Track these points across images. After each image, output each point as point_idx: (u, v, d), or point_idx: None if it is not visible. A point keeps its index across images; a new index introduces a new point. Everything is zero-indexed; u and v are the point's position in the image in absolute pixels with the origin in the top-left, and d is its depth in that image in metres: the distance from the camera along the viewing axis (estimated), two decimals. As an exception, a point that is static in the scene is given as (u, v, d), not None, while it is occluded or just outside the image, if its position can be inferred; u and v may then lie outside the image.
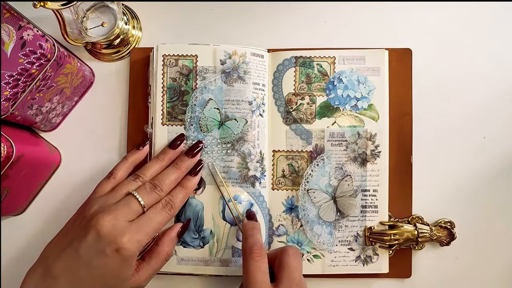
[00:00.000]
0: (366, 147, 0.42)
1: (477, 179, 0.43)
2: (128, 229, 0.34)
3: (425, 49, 0.44)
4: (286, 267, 0.35)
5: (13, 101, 0.36)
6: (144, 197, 0.36)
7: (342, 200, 0.41)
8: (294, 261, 0.35)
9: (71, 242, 0.34)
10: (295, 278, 0.34)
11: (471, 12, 0.44)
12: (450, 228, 0.42)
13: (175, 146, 0.40)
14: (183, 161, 0.39)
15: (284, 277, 0.34)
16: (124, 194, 0.37)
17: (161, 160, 0.40)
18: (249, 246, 0.35)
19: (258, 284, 0.33)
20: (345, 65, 0.42)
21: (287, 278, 0.34)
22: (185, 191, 0.38)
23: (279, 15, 0.45)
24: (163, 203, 0.37)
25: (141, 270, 0.36)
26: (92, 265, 0.33)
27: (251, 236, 0.37)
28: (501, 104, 0.44)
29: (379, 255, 0.41)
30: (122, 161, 0.40)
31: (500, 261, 0.43)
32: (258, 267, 0.34)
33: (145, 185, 0.37)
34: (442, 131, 0.43)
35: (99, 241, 0.33)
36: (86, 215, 0.35)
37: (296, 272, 0.35)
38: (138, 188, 0.37)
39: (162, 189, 0.37)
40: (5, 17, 0.35)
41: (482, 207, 0.43)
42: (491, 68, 0.44)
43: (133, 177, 0.38)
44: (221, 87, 0.41)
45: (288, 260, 0.35)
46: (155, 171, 0.39)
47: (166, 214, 0.37)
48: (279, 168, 0.42)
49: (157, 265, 0.37)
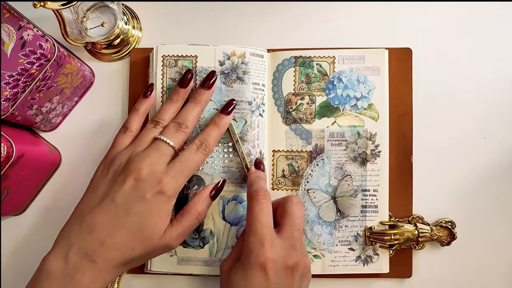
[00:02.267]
0: (366, 146, 0.42)
1: (478, 178, 0.43)
2: (166, 171, 0.34)
3: (425, 48, 0.44)
4: (289, 213, 0.34)
5: (13, 101, 0.36)
6: (171, 138, 0.36)
7: (342, 200, 0.41)
8: (298, 209, 0.35)
9: (105, 195, 0.34)
10: (297, 224, 0.34)
11: (472, 11, 0.44)
12: (451, 228, 0.42)
13: (185, 84, 0.39)
14: (200, 94, 0.39)
15: (286, 223, 0.34)
16: (150, 140, 0.37)
17: (175, 101, 0.39)
18: (254, 189, 0.35)
19: (261, 225, 0.33)
20: (345, 64, 0.42)
21: (290, 224, 0.34)
22: (218, 130, 0.38)
23: (279, 15, 0.45)
24: (197, 143, 0.37)
25: (172, 226, 0.35)
26: (131, 212, 0.33)
27: (256, 182, 0.36)
28: (501, 104, 0.43)
29: (380, 255, 0.41)
30: (133, 112, 0.39)
31: (501, 261, 0.43)
32: (262, 209, 0.34)
33: (169, 127, 0.37)
34: (443, 130, 0.43)
35: (137, 187, 0.34)
36: (115, 168, 0.35)
37: (299, 219, 0.35)
38: (162, 131, 0.37)
39: (188, 126, 0.37)
40: (5, 17, 0.35)
41: (483, 207, 0.43)
42: (492, 68, 0.44)
43: (153, 124, 0.38)
44: (220, 87, 0.41)
45: (292, 207, 0.35)
46: (172, 114, 0.38)
47: (201, 154, 0.36)
48: (279, 168, 0.42)
49: (187, 223, 0.36)
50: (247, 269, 0.32)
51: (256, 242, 0.33)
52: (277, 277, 0.32)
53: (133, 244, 0.33)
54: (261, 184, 0.36)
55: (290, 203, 0.35)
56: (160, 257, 0.41)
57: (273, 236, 0.33)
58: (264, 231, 0.33)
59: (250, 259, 0.32)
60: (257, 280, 0.32)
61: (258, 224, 0.33)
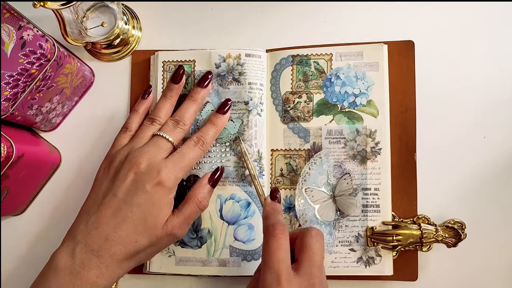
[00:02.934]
0: (366, 144, 0.41)
1: (486, 177, 0.41)
2: (165, 164, 0.36)
3: (426, 43, 0.43)
4: (308, 249, 0.33)
5: (13, 101, 0.36)
6: (170, 134, 0.37)
7: (342, 199, 0.41)
8: (317, 243, 0.33)
9: (108, 191, 0.35)
10: (316, 260, 0.33)
11: (475, 5, 0.43)
12: (458, 229, 0.40)
13: (177, 80, 0.40)
14: (196, 92, 0.40)
15: (305, 259, 0.33)
16: (149, 137, 0.38)
17: (169, 97, 0.40)
18: (271, 223, 0.34)
19: (277, 262, 0.32)
20: (342, 61, 0.42)
21: (309, 260, 0.33)
22: (215, 128, 0.39)
23: (278, 15, 0.45)
24: (195, 140, 0.38)
25: (174, 215, 0.36)
26: (133, 203, 0.34)
27: (272, 215, 0.35)
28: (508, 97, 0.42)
29: (382, 257, 0.40)
30: (133, 113, 0.41)
31: (510, 263, 0.41)
32: (280, 245, 0.32)
33: (167, 123, 0.38)
34: (448, 126, 0.42)
35: (138, 179, 0.35)
36: (116, 165, 0.36)
37: (318, 254, 0.33)
38: (161, 128, 0.38)
39: (185, 123, 0.39)
40: (5, 17, 0.36)
41: (491, 206, 0.41)
42: (496, 63, 0.42)
43: (149, 121, 0.39)
44: (217, 90, 0.41)
45: (310, 241, 0.33)
46: (168, 110, 0.40)
47: (198, 149, 0.38)
48: (277, 167, 0.42)
49: (188, 210, 0.37)
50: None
51: (272, 279, 0.31)
52: None
53: (137, 237, 0.34)
54: (278, 218, 0.35)
55: (309, 236, 0.34)
56: (158, 258, 0.41)
57: (290, 274, 0.32)
58: (281, 268, 0.31)
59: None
60: None
61: (276, 260, 0.32)
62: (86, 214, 0.35)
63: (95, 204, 0.35)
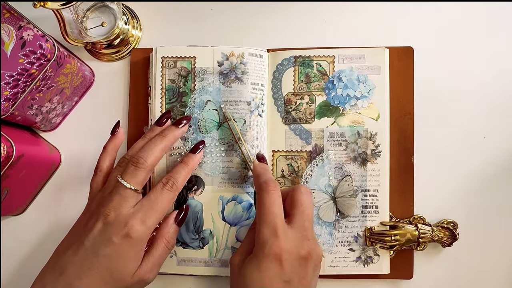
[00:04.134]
0: (366, 146, 0.41)
1: (480, 179, 0.43)
2: (132, 214, 0.34)
3: (426, 48, 0.43)
4: (299, 203, 0.34)
5: (13, 101, 0.36)
6: (129, 179, 0.34)
7: (342, 200, 0.41)
8: (307, 199, 0.35)
9: (77, 238, 0.34)
10: (308, 214, 0.34)
11: (473, 10, 0.44)
12: (452, 229, 0.41)
13: (162, 123, 0.39)
14: (169, 130, 0.38)
15: (297, 213, 0.34)
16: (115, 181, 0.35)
17: (148, 138, 0.38)
18: (263, 180, 0.35)
19: (273, 216, 0.33)
20: (345, 64, 0.42)
21: (301, 214, 0.34)
22: (187, 168, 0.37)
23: (279, 15, 0.45)
24: (163, 181, 0.36)
25: (143, 260, 0.35)
26: (99, 254, 0.33)
27: (263, 173, 0.36)
28: (503, 103, 0.43)
29: (380, 256, 0.41)
30: (103, 151, 0.38)
31: (504, 262, 0.42)
32: (273, 200, 0.34)
33: (128, 165, 0.35)
34: (445, 130, 0.43)
35: (105, 230, 0.33)
36: (90, 212, 0.35)
37: (309, 209, 0.35)
38: (123, 172, 0.35)
39: (146, 160, 0.35)
40: (5, 17, 0.35)
41: (484, 207, 0.43)
42: (493, 67, 0.43)
43: (120, 162, 0.37)
44: (219, 88, 0.41)
45: (301, 197, 0.35)
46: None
47: (167, 192, 0.35)
48: (279, 168, 0.42)
49: (157, 253, 0.36)
50: (260, 261, 0.32)
51: (269, 233, 0.33)
52: (292, 267, 0.32)
53: (102, 286, 0.33)
54: (269, 175, 0.36)
55: (299, 193, 0.35)
56: (159, 258, 0.41)
57: (285, 226, 0.33)
58: (277, 222, 0.33)
59: (264, 251, 0.32)
60: (272, 271, 0.32)
61: (271, 215, 0.33)
62: (55, 257, 0.34)
63: (65, 248, 0.34)
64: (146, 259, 0.35)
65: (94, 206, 0.35)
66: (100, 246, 0.33)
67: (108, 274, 0.33)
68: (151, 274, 0.35)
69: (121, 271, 0.33)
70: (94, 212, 0.35)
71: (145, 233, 0.34)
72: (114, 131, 0.39)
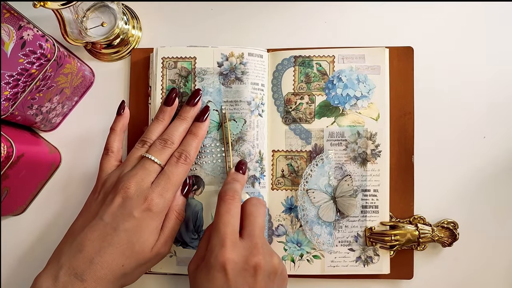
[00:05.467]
0: (366, 146, 0.41)
1: (480, 179, 0.43)
2: (151, 188, 0.35)
3: (426, 47, 0.43)
4: (249, 214, 0.35)
5: (13, 101, 0.36)
6: (157, 155, 0.36)
7: (342, 200, 0.41)
8: (257, 209, 0.35)
9: (95, 215, 0.34)
10: (258, 223, 0.34)
11: (474, 10, 0.44)
12: (452, 229, 0.41)
13: (170, 102, 0.39)
14: (186, 111, 0.39)
15: (248, 223, 0.34)
16: (137, 159, 0.37)
17: (161, 120, 0.39)
18: (223, 190, 0.35)
19: (224, 225, 0.33)
20: (345, 64, 0.42)
21: (251, 224, 0.34)
22: (196, 139, 0.38)
23: (279, 15, 0.45)
24: (176, 155, 0.37)
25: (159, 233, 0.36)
26: (120, 229, 0.33)
27: (229, 183, 0.37)
28: (503, 103, 0.43)
29: (380, 256, 0.41)
30: (111, 132, 0.39)
31: (504, 262, 0.42)
32: (228, 209, 0.34)
33: (155, 144, 0.37)
34: (445, 130, 0.43)
35: (125, 205, 0.34)
36: (106, 189, 0.36)
37: (260, 218, 0.35)
38: (149, 149, 0.37)
39: (173, 142, 0.37)
40: (5, 17, 0.35)
41: (485, 207, 0.42)
42: (493, 67, 0.43)
43: (140, 144, 0.38)
44: (219, 88, 0.41)
45: (252, 208, 0.35)
46: (159, 132, 0.39)
47: (182, 165, 0.37)
48: (279, 168, 0.42)
49: (169, 225, 0.36)
50: (208, 270, 0.32)
51: (217, 242, 0.33)
52: (238, 277, 0.32)
53: (123, 261, 0.33)
54: (233, 186, 0.36)
55: (250, 204, 0.35)
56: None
57: (235, 237, 0.33)
58: (227, 231, 0.33)
59: (210, 260, 0.32)
60: (219, 281, 0.32)
61: (221, 224, 0.33)
62: (72, 236, 0.34)
63: (81, 226, 0.34)
64: (160, 233, 0.36)
65: (110, 184, 0.36)
66: (121, 221, 0.33)
67: (129, 249, 0.33)
68: (166, 247, 0.36)
69: (141, 245, 0.34)
70: (111, 189, 0.35)
71: (164, 206, 0.35)
72: (120, 111, 0.40)
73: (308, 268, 0.41)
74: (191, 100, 0.40)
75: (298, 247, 0.41)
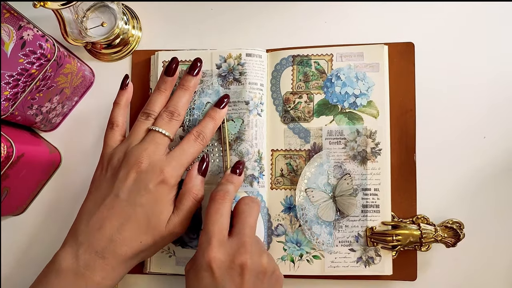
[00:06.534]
0: (366, 145, 0.41)
1: (484, 177, 0.42)
2: (165, 161, 0.35)
3: (426, 44, 0.43)
4: (241, 213, 0.34)
5: (13, 101, 0.36)
6: (165, 128, 0.37)
7: (342, 199, 0.41)
8: (249, 208, 0.35)
9: (109, 192, 0.34)
10: (249, 221, 0.34)
11: (474, 9, 0.43)
12: (457, 229, 0.40)
13: (171, 72, 0.39)
14: (188, 80, 0.39)
15: (238, 222, 0.34)
16: (144, 132, 0.37)
17: (163, 90, 0.39)
18: (215, 190, 0.35)
19: (212, 224, 0.33)
20: (343, 62, 0.42)
21: (242, 222, 0.34)
22: (214, 122, 0.39)
23: (279, 15, 0.45)
24: (195, 134, 0.37)
25: (173, 213, 0.35)
26: (136, 203, 0.34)
27: (222, 184, 0.36)
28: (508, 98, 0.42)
29: (382, 256, 0.40)
30: (115, 106, 0.39)
31: (505, 262, 0.41)
32: (217, 209, 0.33)
33: (162, 116, 0.37)
34: (447, 127, 0.42)
35: (140, 179, 0.34)
36: (114, 165, 0.36)
37: (251, 216, 0.34)
38: (155, 122, 0.37)
39: (180, 114, 0.38)
40: (5, 17, 0.36)
41: (486, 207, 0.42)
42: (494, 68, 0.43)
43: (144, 116, 0.38)
44: (218, 90, 0.41)
45: (244, 207, 0.35)
46: (162, 103, 0.39)
47: (199, 144, 0.37)
48: (278, 167, 0.42)
49: (186, 206, 0.36)
50: (198, 270, 0.32)
51: (204, 241, 0.32)
52: (224, 276, 0.31)
53: (141, 237, 0.34)
54: (225, 187, 0.36)
55: (242, 203, 0.35)
56: (159, 258, 0.41)
57: (224, 236, 0.33)
58: (214, 230, 0.32)
59: (199, 259, 0.32)
60: (206, 280, 0.31)
61: (210, 223, 0.33)
62: (87, 215, 0.34)
63: (95, 205, 0.34)
64: (176, 213, 0.35)
65: (117, 159, 0.36)
66: (136, 196, 0.34)
67: (145, 223, 0.34)
68: (181, 227, 0.35)
69: (157, 218, 0.34)
70: (120, 164, 0.35)
71: (177, 180, 0.36)
72: (124, 85, 0.40)
73: (308, 269, 0.40)
74: (192, 70, 0.39)
75: (298, 247, 0.41)
